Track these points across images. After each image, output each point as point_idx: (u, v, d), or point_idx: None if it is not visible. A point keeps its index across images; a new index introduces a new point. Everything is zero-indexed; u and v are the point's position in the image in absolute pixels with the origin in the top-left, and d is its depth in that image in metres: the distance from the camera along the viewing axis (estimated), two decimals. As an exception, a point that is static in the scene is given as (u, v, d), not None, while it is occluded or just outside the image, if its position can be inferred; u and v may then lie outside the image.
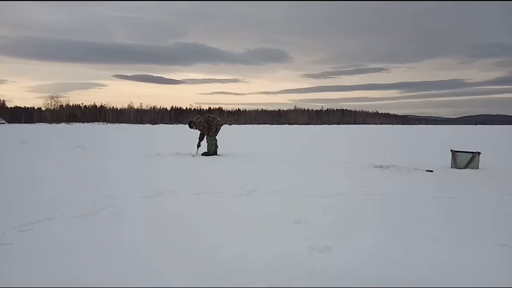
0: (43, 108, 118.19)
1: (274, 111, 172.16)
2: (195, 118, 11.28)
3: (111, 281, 2.47)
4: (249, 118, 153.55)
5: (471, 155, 8.57)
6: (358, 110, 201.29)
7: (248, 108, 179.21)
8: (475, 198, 5.23)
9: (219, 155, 10.77)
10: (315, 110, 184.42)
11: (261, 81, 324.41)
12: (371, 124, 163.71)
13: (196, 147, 10.96)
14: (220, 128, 11.15)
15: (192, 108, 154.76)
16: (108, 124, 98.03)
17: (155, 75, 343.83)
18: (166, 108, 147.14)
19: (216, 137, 11.00)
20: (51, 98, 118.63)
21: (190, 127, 11.22)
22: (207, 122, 10.87)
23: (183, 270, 2.66)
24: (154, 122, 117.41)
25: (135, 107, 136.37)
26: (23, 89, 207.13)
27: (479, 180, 6.93)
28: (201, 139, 10.97)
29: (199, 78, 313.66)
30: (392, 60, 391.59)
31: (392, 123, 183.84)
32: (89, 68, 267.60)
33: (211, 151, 10.81)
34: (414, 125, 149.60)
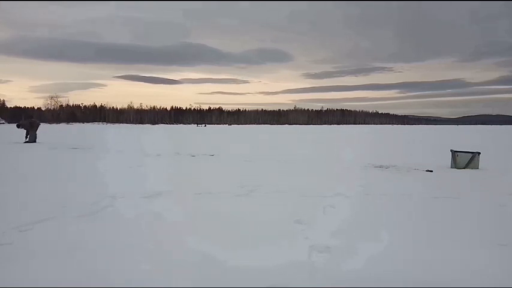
0: (43, 108, 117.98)
1: (274, 111, 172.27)
2: (21, 121, 16.88)
3: (110, 281, 2.46)
4: (249, 118, 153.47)
5: (471, 155, 8.58)
6: (358, 110, 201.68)
7: (248, 108, 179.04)
8: (475, 198, 5.22)
9: (38, 142, 15.62)
10: (315, 110, 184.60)
11: (261, 81, 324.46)
12: (371, 124, 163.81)
13: (25, 137, 16.04)
14: (38, 126, 16.59)
15: (192, 108, 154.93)
16: (108, 124, 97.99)
17: (155, 75, 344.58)
18: (166, 109, 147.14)
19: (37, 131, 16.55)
20: (51, 98, 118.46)
21: (18, 127, 16.53)
22: (31, 124, 16.27)
23: (183, 269, 2.66)
24: (154, 122, 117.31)
25: (135, 107, 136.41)
26: (23, 89, 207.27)
27: (479, 180, 6.93)
28: (27, 133, 16.08)
29: (199, 78, 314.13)
30: (393, 60, 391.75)
31: (392, 123, 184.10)
32: (89, 68, 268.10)
33: (32, 140, 15.89)
34: (414, 125, 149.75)
